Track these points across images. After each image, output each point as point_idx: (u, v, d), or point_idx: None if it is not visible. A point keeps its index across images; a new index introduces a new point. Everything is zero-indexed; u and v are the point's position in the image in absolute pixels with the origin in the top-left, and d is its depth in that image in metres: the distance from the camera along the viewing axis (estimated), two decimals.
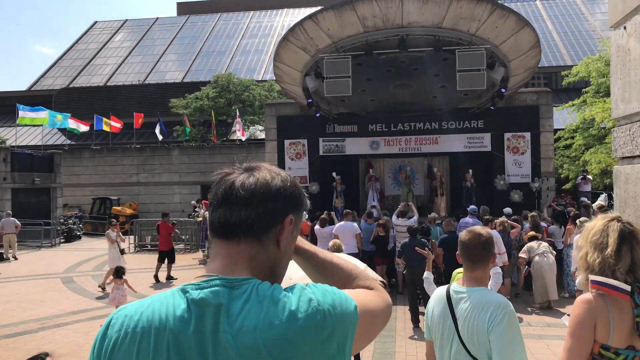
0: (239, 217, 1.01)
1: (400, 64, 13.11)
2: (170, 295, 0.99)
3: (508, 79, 13.39)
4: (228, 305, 0.94)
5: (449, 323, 2.29)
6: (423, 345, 6.49)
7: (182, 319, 0.94)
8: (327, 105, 15.54)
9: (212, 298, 0.95)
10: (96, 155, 26.49)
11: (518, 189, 14.85)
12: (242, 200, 1.01)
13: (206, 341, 0.92)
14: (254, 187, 1.03)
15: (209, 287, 0.96)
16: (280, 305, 0.94)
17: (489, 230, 2.40)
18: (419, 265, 7.26)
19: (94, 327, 7.36)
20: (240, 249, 1.01)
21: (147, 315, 0.96)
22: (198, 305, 0.94)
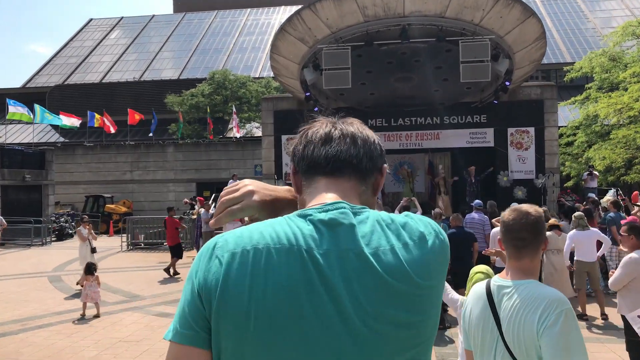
0: (349, 153, 1.00)
1: (402, 55, 12.69)
2: (286, 219, 0.93)
3: (512, 71, 13.00)
4: (358, 226, 0.92)
5: (491, 325, 1.84)
6: None
7: (312, 237, 0.89)
8: (326, 99, 15.11)
9: (343, 218, 0.92)
10: (89, 152, 25.98)
11: (522, 186, 14.47)
12: (350, 139, 1.01)
13: (346, 259, 0.88)
14: (357, 131, 1.04)
15: (335, 209, 0.93)
16: (408, 228, 0.96)
17: (538, 209, 1.94)
18: None
19: (78, 328, 6.92)
20: (351, 185, 1.01)
21: (270, 233, 0.89)
22: (328, 225, 0.91)
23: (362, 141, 1.03)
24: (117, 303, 8.50)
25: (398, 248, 0.91)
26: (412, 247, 0.93)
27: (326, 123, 1.05)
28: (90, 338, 6.40)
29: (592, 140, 19.77)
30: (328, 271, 0.86)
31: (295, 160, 1.04)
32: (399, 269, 0.89)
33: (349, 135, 1.02)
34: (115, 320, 7.31)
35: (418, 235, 0.95)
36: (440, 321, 6.69)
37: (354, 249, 0.89)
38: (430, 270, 0.93)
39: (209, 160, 24.66)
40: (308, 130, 1.05)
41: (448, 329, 6.64)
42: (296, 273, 0.86)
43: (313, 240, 0.89)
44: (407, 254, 0.91)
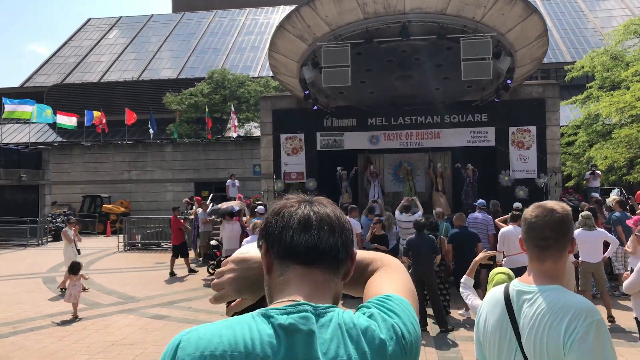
0: (327, 244, 1.00)
1: (402, 53, 12.51)
2: (249, 319, 0.93)
3: (514, 69, 12.83)
4: (318, 332, 0.91)
5: (509, 335, 1.64)
6: (432, 353, 5.97)
7: (270, 344, 0.88)
8: (325, 98, 14.93)
9: (303, 324, 0.91)
10: (87, 152, 25.78)
11: (523, 185, 14.29)
12: (328, 227, 1.01)
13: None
14: (334, 216, 1.04)
15: (297, 313, 0.92)
16: (369, 334, 0.94)
17: (565, 206, 1.74)
18: (427, 263, 6.67)
19: (70, 331, 6.74)
20: (325, 278, 1.00)
21: (228, 338, 0.89)
22: (287, 330, 0.90)
23: (339, 229, 1.03)
24: (111, 305, 8.32)
25: (355, 358, 0.90)
26: (369, 357, 0.91)
27: (301, 203, 1.04)
28: (83, 341, 6.22)
29: (593, 140, 19.63)
30: None
31: (269, 241, 1.02)
32: None
33: (327, 222, 1.02)
34: (108, 323, 7.13)
35: (378, 343, 0.93)
36: (443, 323, 6.51)
37: (310, 359, 0.88)
38: None
39: (208, 160, 24.47)
40: (283, 209, 1.03)
41: (451, 332, 6.47)
42: None
43: (270, 347, 0.88)
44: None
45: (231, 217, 10.82)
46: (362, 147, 15.34)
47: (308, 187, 14.91)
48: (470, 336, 6.33)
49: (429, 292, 6.67)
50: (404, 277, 1.12)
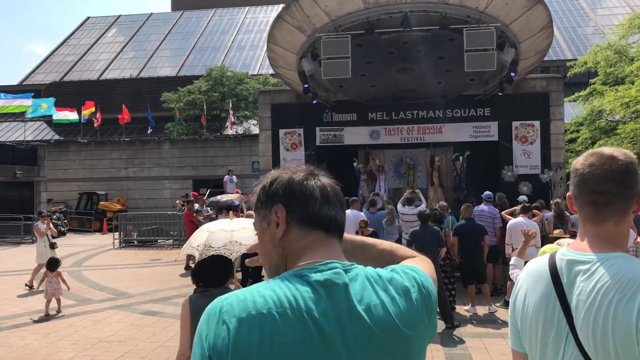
0: (341, 218, 1.14)
1: (403, 44, 12.21)
2: (284, 280, 1.00)
3: (518, 62, 12.53)
4: (350, 285, 1.01)
5: (557, 316, 1.26)
6: (439, 350, 5.69)
7: (311, 299, 0.97)
8: (325, 92, 14.64)
9: (337, 278, 1.01)
10: (83, 149, 25.47)
11: (527, 181, 14.00)
12: (340, 204, 1.14)
13: (342, 317, 0.97)
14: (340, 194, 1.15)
15: (329, 270, 1.02)
16: (394, 282, 1.06)
17: (628, 152, 1.34)
18: (432, 256, 6.36)
19: (57, 327, 6.43)
20: (339, 245, 1.12)
21: (272, 297, 0.95)
22: (324, 285, 0.99)
23: (342, 205, 1.15)
24: (103, 301, 8.02)
25: (387, 302, 1.01)
26: (398, 300, 1.03)
27: (312, 175, 1.13)
28: (69, 338, 5.92)
29: (596, 137, 19.35)
30: (328, 330, 0.94)
31: (292, 208, 1.08)
32: (389, 322, 1.00)
33: (338, 197, 1.14)
34: (98, 319, 6.83)
35: (403, 289, 1.05)
36: (448, 319, 6.21)
37: (349, 307, 0.98)
38: (415, 321, 1.04)
39: (206, 156, 24.17)
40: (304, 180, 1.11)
41: (457, 328, 6.16)
42: (299, 335, 0.92)
43: (312, 301, 0.96)
44: (394, 308, 1.02)
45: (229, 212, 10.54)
46: (363, 143, 15.04)
47: None
48: (477, 332, 6.03)
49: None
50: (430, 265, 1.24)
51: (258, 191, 1.13)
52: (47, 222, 9.56)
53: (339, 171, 14.96)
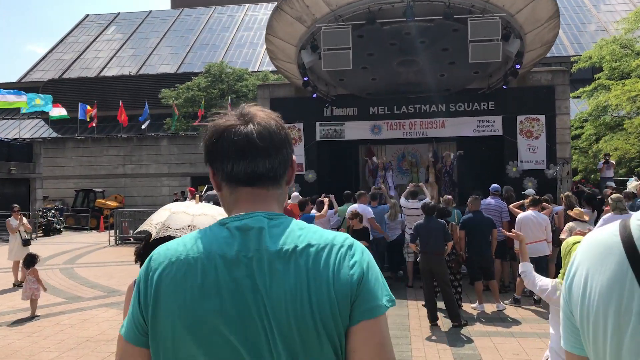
0: (264, 168, 1.10)
1: (406, 35, 11.86)
2: (209, 228, 1.07)
3: (523, 53, 12.20)
4: (269, 229, 1.04)
5: (637, 302, 0.90)
6: (446, 350, 5.39)
7: (225, 242, 1.03)
8: (325, 86, 14.31)
9: (254, 223, 1.04)
10: (80, 145, 25.15)
11: (532, 176, 13.67)
12: (263, 151, 1.09)
13: (251, 257, 1.01)
14: (269, 137, 1.10)
15: (248, 217, 1.06)
16: (319, 233, 1.05)
17: None
18: (437, 251, 6.03)
19: (42, 326, 6.11)
20: (267, 193, 1.11)
21: (191, 245, 1.04)
22: (240, 229, 1.04)
23: (275, 150, 1.10)
24: (93, 299, 7.70)
25: (300, 247, 1.02)
26: (315, 246, 1.03)
27: (237, 123, 1.10)
28: (54, 337, 5.59)
29: (600, 133, 19.03)
30: (235, 271, 1.00)
31: (214, 167, 1.13)
32: (295, 261, 1.01)
33: (263, 145, 1.08)
34: (86, 317, 6.50)
35: (325, 239, 1.04)
36: (455, 317, 5.88)
37: (259, 248, 1.02)
38: (328, 266, 1.02)
39: None
40: (222, 135, 1.10)
41: (464, 327, 5.83)
42: (210, 275, 1.00)
43: (226, 244, 1.03)
44: (307, 250, 1.02)
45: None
46: (364, 138, 14.70)
47: (307, 179, 14.31)
48: (486, 331, 5.69)
49: (439, 283, 6.03)
50: None
51: None
52: (20, 217, 9.17)
53: (340, 167, 14.70)
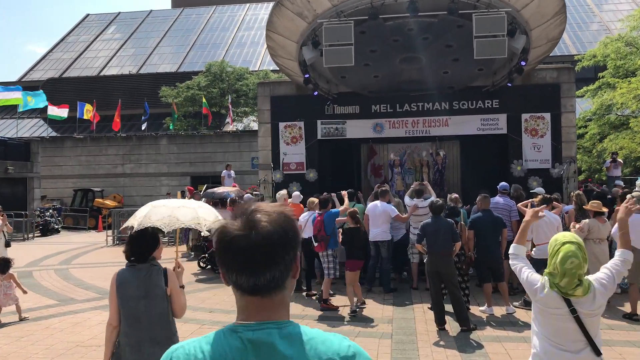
0: (265, 280, 1.13)
1: (409, 31, 11.60)
2: (222, 335, 1.14)
3: (529, 50, 11.94)
4: (279, 343, 1.09)
5: None
6: (455, 356, 5.11)
7: (239, 354, 1.09)
8: (326, 83, 14.05)
9: (265, 337, 1.10)
10: (79, 144, 24.90)
11: (537, 176, 13.41)
12: (265, 264, 1.12)
13: None
14: (272, 248, 1.12)
15: (260, 329, 1.11)
16: (326, 344, 1.11)
17: None
18: (444, 251, 5.76)
19: (31, 330, 5.86)
20: (275, 301, 1.15)
21: (209, 352, 1.12)
22: (253, 343, 1.10)
23: (280, 256, 1.13)
24: (86, 301, 7.44)
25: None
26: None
27: (240, 233, 1.12)
28: (43, 342, 5.34)
29: (605, 132, 18.76)
30: None
31: (223, 271, 1.18)
32: None
33: (265, 252, 1.11)
34: (78, 321, 6.24)
35: (331, 352, 1.11)
36: (464, 321, 5.62)
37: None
38: None
39: (204, 153, 23.59)
40: (225, 245, 1.14)
41: (474, 331, 5.57)
42: None
43: (240, 356, 1.09)
44: None
45: (224, 205, 9.97)
46: (366, 136, 14.45)
47: (308, 179, 14.06)
48: (497, 336, 5.43)
49: (447, 285, 5.77)
50: None
51: None
52: (3, 218, 8.85)
53: (341, 166, 14.45)
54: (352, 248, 6.63)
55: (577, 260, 2.47)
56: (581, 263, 2.48)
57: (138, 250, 3.15)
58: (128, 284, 3.02)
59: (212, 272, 10.06)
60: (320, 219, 7.11)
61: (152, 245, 3.20)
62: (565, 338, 2.52)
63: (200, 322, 6.39)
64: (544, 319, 2.63)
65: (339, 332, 5.82)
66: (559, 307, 2.50)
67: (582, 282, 2.50)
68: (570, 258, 2.45)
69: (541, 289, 2.61)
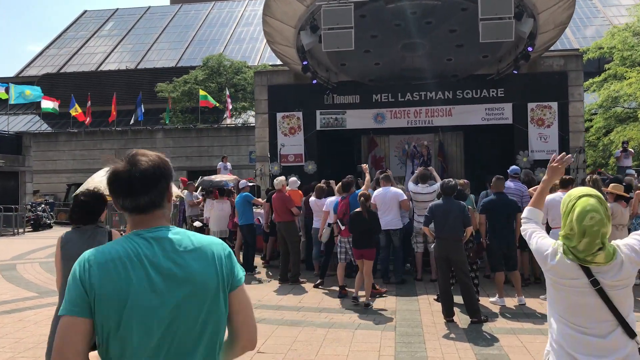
0: (144, 201, 1.50)
1: (411, 15, 11.13)
2: (129, 237, 1.49)
3: (536, 35, 11.47)
4: (172, 237, 1.50)
5: None
6: (467, 349, 4.44)
7: (147, 246, 1.46)
8: (325, 72, 13.58)
9: (161, 234, 1.50)
10: (73, 139, 24.44)
11: (544, 167, 12.89)
12: (143, 189, 1.49)
13: (168, 255, 1.46)
14: (146, 178, 1.50)
15: (156, 231, 1.50)
16: (199, 237, 1.56)
17: None
18: (454, 236, 5.29)
19: (4, 322, 5.38)
20: (156, 215, 1.53)
21: (118, 249, 1.44)
22: (154, 239, 1.48)
23: (153, 184, 1.51)
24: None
25: (195, 246, 1.51)
26: (205, 244, 1.54)
27: (124, 174, 1.50)
28: (12, 336, 4.89)
29: (610, 125, 18.30)
30: (158, 264, 1.44)
31: (114, 200, 1.55)
32: (195, 253, 1.50)
33: (144, 182, 1.49)
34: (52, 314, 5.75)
35: (208, 240, 1.56)
36: (475, 313, 5.15)
37: (173, 249, 1.48)
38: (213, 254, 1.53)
39: (201, 147, 23.12)
40: (112, 179, 1.52)
41: (484, 323, 5.10)
42: (138, 271, 1.42)
43: (148, 248, 1.46)
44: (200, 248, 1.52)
45: (221, 194, 9.51)
46: (366, 127, 13.99)
47: (307, 171, 13.60)
48: (511, 328, 4.96)
49: (457, 273, 5.29)
50: None
51: None
52: None
53: (341, 157, 13.98)
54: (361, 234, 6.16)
55: (599, 215, 1.95)
56: (603, 219, 1.95)
57: (83, 211, 3.20)
58: (72, 243, 3.09)
59: None
60: (345, 202, 6.67)
61: (95, 206, 3.23)
62: (587, 318, 1.98)
63: None
64: (557, 294, 2.09)
65: (338, 323, 5.44)
66: (576, 278, 1.99)
67: (605, 246, 1.96)
68: (590, 213, 1.95)
69: (552, 255, 2.08)
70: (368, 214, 6.11)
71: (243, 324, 1.51)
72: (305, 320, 5.59)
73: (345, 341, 4.77)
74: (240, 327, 1.51)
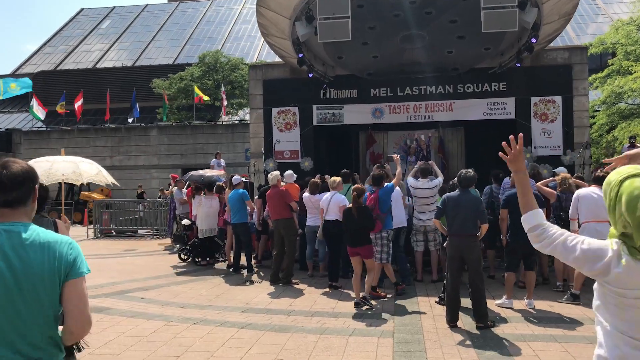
0: (12, 197, 1.80)
1: (411, 5, 10.71)
2: None
3: (540, 26, 11.05)
4: (22, 232, 1.76)
5: None
6: (472, 359, 3.81)
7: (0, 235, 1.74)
8: (322, 66, 13.15)
9: (14, 229, 1.77)
10: (65, 136, 24.00)
11: (547, 163, 12.52)
12: (13, 187, 1.79)
13: (16, 246, 1.73)
14: (14, 179, 1.80)
15: (12, 225, 1.78)
16: (50, 233, 1.83)
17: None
18: (470, 229, 4.82)
19: None
20: (19, 212, 1.82)
21: None
22: (7, 231, 1.75)
23: (19, 185, 1.81)
24: None
25: (41, 240, 1.78)
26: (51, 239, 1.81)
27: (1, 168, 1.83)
28: None
29: (614, 122, 17.91)
30: (8, 253, 1.73)
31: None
32: (36, 246, 1.76)
33: (13, 181, 1.79)
34: None
35: (55, 237, 1.83)
36: (482, 317, 4.72)
37: (21, 242, 1.75)
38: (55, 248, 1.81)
39: (196, 144, 22.69)
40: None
41: (492, 329, 4.67)
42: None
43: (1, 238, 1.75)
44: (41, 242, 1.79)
45: (211, 191, 9.08)
46: (365, 122, 13.57)
47: (303, 168, 13.18)
48: (521, 334, 4.54)
49: (471, 273, 4.81)
50: None
51: None
52: None
53: (338, 154, 13.52)
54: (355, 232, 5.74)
55: None
56: None
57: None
58: None
59: (193, 264, 9.17)
60: (374, 196, 6.24)
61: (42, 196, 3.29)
62: None
63: (167, 319, 5.52)
64: (620, 311, 1.57)
65: (331, 329, 5.02)
66: None
67: None
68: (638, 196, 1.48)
69: (616, 261, 1.56)
70: (357, 211, 5.68)
71: (71, 312, 1.75)
72: (295, 325, 5.16)
73: (338, 349, 4.34)
74: (68, 314, 1.75)
